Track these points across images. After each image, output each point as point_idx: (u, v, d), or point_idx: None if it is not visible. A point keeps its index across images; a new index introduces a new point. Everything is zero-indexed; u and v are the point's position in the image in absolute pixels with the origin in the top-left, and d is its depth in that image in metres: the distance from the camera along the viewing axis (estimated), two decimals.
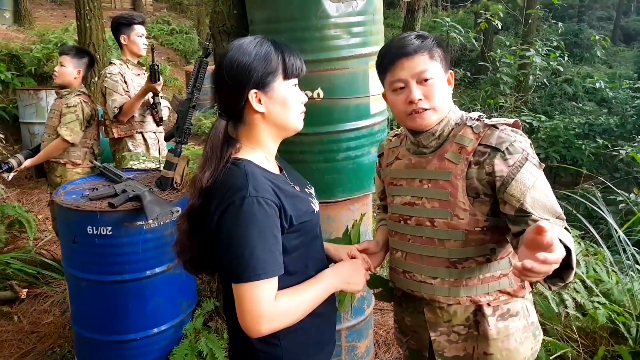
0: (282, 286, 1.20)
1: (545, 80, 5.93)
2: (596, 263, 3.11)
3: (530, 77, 5.42)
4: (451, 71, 1.35)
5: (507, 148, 1.24)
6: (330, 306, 1.40)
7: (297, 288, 1.22)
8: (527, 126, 5.77)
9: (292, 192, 1.25)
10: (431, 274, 1.37)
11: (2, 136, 4.18)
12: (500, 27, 5.70)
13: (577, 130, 5.90)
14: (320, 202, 2.21)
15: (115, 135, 3.25)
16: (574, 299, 2.67)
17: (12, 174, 3.07)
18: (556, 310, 2.56)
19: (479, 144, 1.28)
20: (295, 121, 1.28)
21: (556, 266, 0.98)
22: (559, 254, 0.96)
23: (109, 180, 2.46)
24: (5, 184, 4.31)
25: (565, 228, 1.21)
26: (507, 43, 6.83)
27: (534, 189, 1.23)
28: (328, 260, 1.49)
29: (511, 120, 1.34)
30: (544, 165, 1.29)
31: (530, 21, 6.36)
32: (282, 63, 1.22)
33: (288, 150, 2.23)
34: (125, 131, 3.26)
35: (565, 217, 1.24)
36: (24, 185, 4.50)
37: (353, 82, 2.11)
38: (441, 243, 1.35)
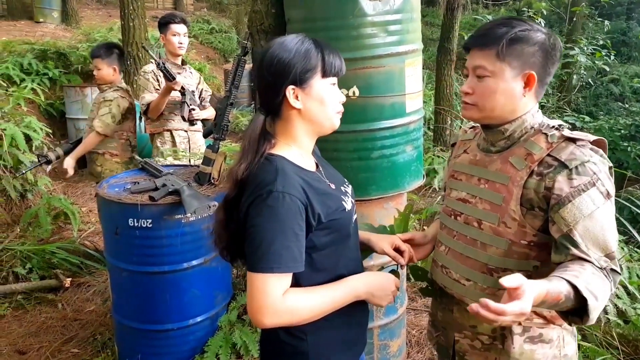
0: (308, 282, 1.22)
1: (590, 80, 5.72)
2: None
3: (575, 77, 5.24)
4: (531, 73, 1.21)
5: (576, 167, 1.14)
6: (361, 306, 1.40)
7: (314, 289, 1.22)
8: (570, 127, 5.59)
9: (323, 190, 1.26)
10: (466, 275, 1.35)
11: (50, 131, 4.36)
12: (543, 26, 5.54)
13: (622, 131, 5.67)
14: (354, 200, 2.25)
15: (147, 132, 3.37)
16: (615, 305, 2.59)
17: (49, 167, 3.22)
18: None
19: (548, 155, 1.19)
20: (332, 120, 1.29)
21: (523, 317, 0.94)
22: (513, 308, 0.91)
23: (149, 175, 2.54)
24: (52, 176, 4.50)
25: (612, 269, 1.13)
26: None
27: (591, 219, 1.14)
28: (368, 250, 1.49)
29: (594, 137, 1.21)
30: (613, 194, 1.17)
31: (575, 19, 6.15)
32: (322, 61, 1.23)
33: (322, 148, 2.24)
34: (155, 128, 3.36)
35: (615, 257, 1.15)
36: (69, 178, 4.68)
37: (389, 80, 2.10)
38: (483, 247, 1.31)
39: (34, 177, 3.92)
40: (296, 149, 1.28)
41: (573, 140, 1.19)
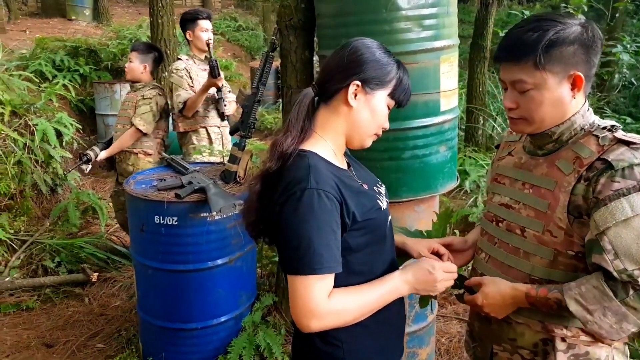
0: (344, 285, 1.16)
1: (633, 79, 5.45)
2: None
3: (616, 76, 5.00)
4: (577, 73, 1.11)
5: (622, 169, 1.05)
6: (399, 314, 1.34)
7: (357, 288, 1.17)
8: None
9: (357, 188, 1.21)
10: None
11: (80, 127, 4.41)
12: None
13: None
14: None
15: (181, 129, 3.33)
16: None
17: (89, 166, 3.23)
18: None
19: (598, 159, 1.09)
20: (366, 138, 1.25)
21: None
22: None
23: (176, 172, 2.52)
24: (81, 172, 4.55)
25: (634, 285, 1.04)
26: None
27: (626, 226, 1.04)
28: (405, 256, 1.42)
29: None
30: None
31: (617, 15, 5.87)
32: (397, 82, 1.23)
33: None
34: (190, 125, 3.33)
35: None
36: (98, 173, 4.75)
37: (423, 77, 2.02)
38: (526, 256, 1.23)
39: (64, 172, 3.96)
40: (330, 144, 1.23)
41: (627, 142, 1.09)
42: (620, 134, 1.12)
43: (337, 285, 1.14)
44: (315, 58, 2.47)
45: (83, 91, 5.57)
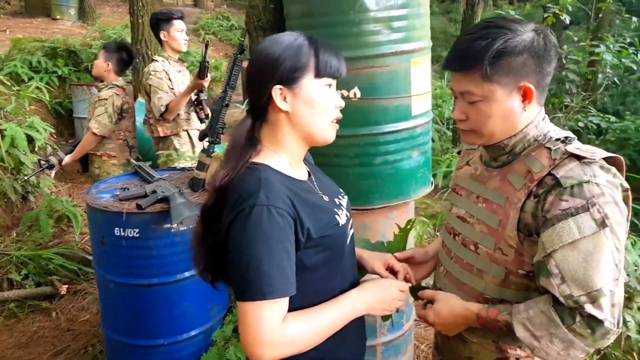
0: (300, 307, 1.08)
1: (615, 79, 5.42)
2: None
3: (600, 76, 4.96)
4: (527, 85, 1.05)
5: (571, 186, 1.00)
6: (358, 335, 1.27)
7: (311, 312, 1.08)
8: (595, 127, 5.32)
9: (314, 202, 1.13)
10: None
11: (53, 130, 4.29)
12: (569, 22, 5.26)
13: None
14: (355, 209, 2.07)
15: (161, 134, 3.24)
16: (636, 320, 2.37)
17: (54, 171, 3.14)
18: None
19: (549, 174, 1.04)
20: (324, 129, 1.14)
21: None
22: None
23: (142, 180, 2.42)
24: (58, 178, 4.43)
25: (590, 315, 0.97)
26: (575, 38, 6.31)
27: (573, 249, 0.98)
28: (360, 269, 1.34)
29: (607, 154, 1.05)
30: (615, 223, 0.99)
31: (600, 15, 5.83)
32: (315, 58, 1.10)
33: (321, 153, 2.07)
34: (171, 129, 3.25)
35: (600, 299, 0.96)
36: (76, 179, 4.62)
37: (393, 80, 1.94)
38: (479, 274, 1.16)
39: (37, 179, 3.84)
40: (285, 156, 1.14)
41: (579, 157, 1.02)
42: (572, 147, 1.05)
43: (291, 308, 1.06)
44: None
45: (61, 93, 5.43)
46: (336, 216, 1.15)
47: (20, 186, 3.69)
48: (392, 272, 1.31)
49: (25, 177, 3.47)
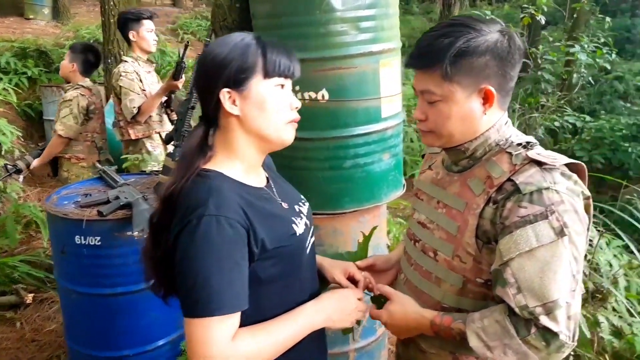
0: (255, 321, 1.03)
1: (590, 78, 5.48)
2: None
3: (575, 75, 5.01)
4: (488, 87, 1.02)
5: (530, 193, 0.96)
6: (319, 349, 1.22)
7: (266, 326, 1.03)
8: (570, 127, 5.38)
9: (270, 211, 1.07)
10: None
11: (20, 133, 4.16)
12: (544, 22, 5.30)
13: (624, 131, 5.44)
14: (326, 214, 2.04)
15: (132, 137, 3.15)
16: (609, 321, 2.37)
17: (22, 176, 3.04)
18: (588, 335, 2.27)
19: (509, 179, 1.00)
20: (279, 131, 1.08)
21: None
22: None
23: (106, 185, 2.33)
24: (27, 182, 4.31)
25: (545, 327, 0.94)
26: (550, 39, 6.36)
27: (530, 258, 0.95)
28: (321, 280, 1.29)
29: (568, 160, 1.02)
30: (574, 232, 0.96)
31: (575, 15, 5.90)
32: (262, 58, 1.04)
33: (290, 156, 2.03)
34: (143, 132, 3.17)
35: (554, 308, 0.93)
36: (46, 183, 4.49)
37: (362, 82, 1.90)
38: (437, 282, 1.13)
39: (4, 184, 3.71)
40: (239, 163, 1.09)
41: (540, 162, 0.99)
42: (534, 152, 1.01)
43: (246, 322, 1.00)
44: None
45: (31, 95, 5.28)
46: (293, 225, 1.10)
47: None
48: (353, 281, 1.26)
49: None
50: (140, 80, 3.12)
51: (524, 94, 5.47)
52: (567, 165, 1.02)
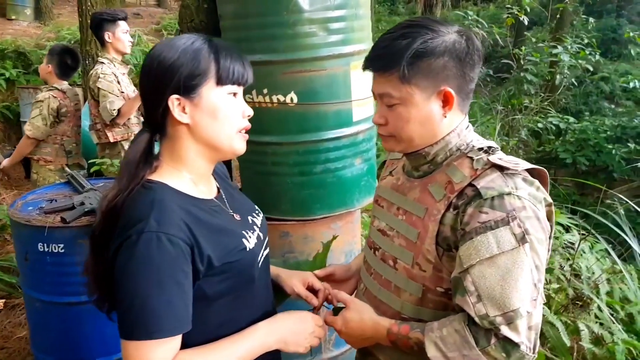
0: (203, 341, 0.98)
1: (573, 80, 5.49)
2: (622, 280, 2.76)
3: (558, 77, 5.01)
4: (447, 89, 1.00)
5: (492, 198, 0.94)
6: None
7: (211, 347, 0.98)
8: (554, 128, 5.38)
9: (218, 225, 1.01)
10: None
11: None
12: (530, 23, 5.31)
13: (608, 133, 5.45)
14: (296, 220, 1.99)
15: (111, 140, 3.10)
16: (590, 328, 2.34)
17: None
18: (568, 343, 2.24)
19: (470, 184, 0.98)
20: (231, 140, 1.03)
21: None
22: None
23: (74, 190, 2.27)
24: (3, 184, 4.23)
25: (506, 338, 0.91)
26: (534, 39, 6.37)
27: (491, 265, 0.92)
28: (278, 292, 1.25)
29: (530, 166, 1.00)
30: (536, 239, 0.94)
31: (558, 16, 5.91)
32: (215, 64, 0.99)
33: (259, 161, 2.00)
34: (122, 134, 3.11)
35: (515, 318, 0.90)
36: (22, 185, 4.41)
37: (332, 85, 1.86)
38: (397, 292, 1.09)
39: None
40: (187, 173, 1.03)
41: (501, 167, 0.97)
42: (495, 157, 0.99)
43: (193, 342, 0.96)
44: None
45: (9, 97, 5.19)
46: (244, 240, 1.05)
47: None
48: (313, 291, 1.22)
49: None
50: (118, 82, 3.07)
51: (507, 95, 5.47)
52: (528, 171, 0.99)
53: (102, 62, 3.13)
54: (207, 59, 0.98)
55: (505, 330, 0.90)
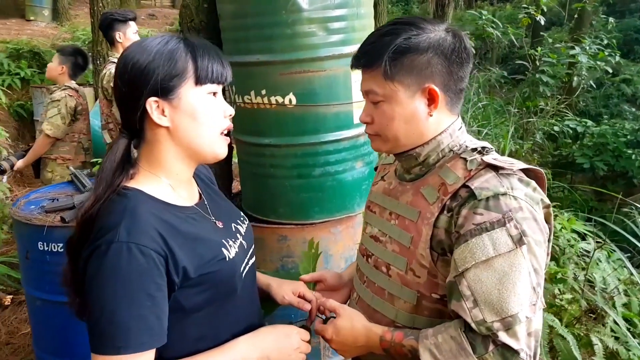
0: (181, 356, 0.94)
1: (592, 82, 5.34)
2: None
3: (575, 78, 4.88)
4: (431, 87, 0.96)
5: (487, 199, 0.90)
6: None
7: None
8: (571, 132, 5.24)
9: (195, 234, 0.97)
10: None
11: (7, 134, 4.14)
12: (548, 23, 5.19)
13: (628, 137, 5.29)
14: (295, 224, 1.96)
15: None
16: (604, 343, 2.25)
17: (5, 176, 3.02)
18: (579, 358, 2.15)
19: (463, 185, 0.95)
20: (213, 143, 0.99)
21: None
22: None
23: (76, 189, 2.28)
24: (16, 182, 4.29)
25: (504, 344, 0.87)
26: (550, 40, 6.21)
27: (487, 268, 0.88)
28: (272, 304, 1.21)
29: (526, 166, 0.96)
30: (534, 241, 0.90)
31: (576, 16, 5.77)
32: (193, 63, 0.95)
33: (257, 163, 1.98)
34: None
35: (513, 324, 0.87)
36: (34, 183, 4.46)
37: (332, 86, 1.82)
38: (390, 299, 1.05)
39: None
40: (165, 179, 0.99)
41: (496, 167, 0.93)
42: (489, 157, 0.95)
43: (170, 357, 0.92)
44: None
45: (24, 96, 5.26)
46: (223, 249, 1.00)
47: None
48: (305, 300, 1.18)
49: None
50: None
51: (522, 97, 5.35)
52: (524, 171, 0.96)
53: (114, 62, 3.15)
54: (184, 59, 0.95)
55: (503, 337, 0.86)
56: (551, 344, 2.25)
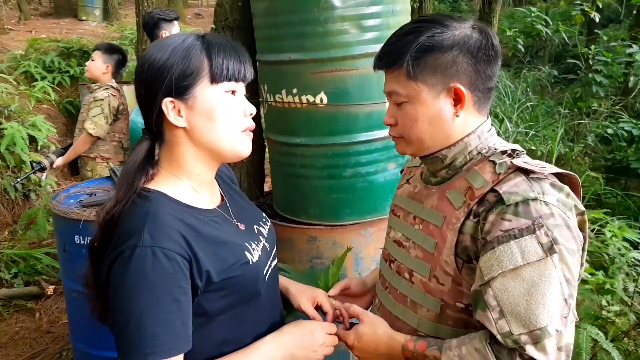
0: (206, 359, 0.94)
1: None
2: None
3: (632, 78, 4.60)
4: (457, 86, 0.92)
5: (516, 204, 0.85)
6: None
7: None
8: (626, 135, 4.94)
9: (218, 237, 0.95)
10: None
11: (55, 130, 4.31)
12: (600, 20, 4.91)
13: None
14: (324, 225, 1.93)
15: None
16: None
17: (45, 174, 3.12)
18: None
19: (491, 190, 0.89)
20: (232, 142, 0.96)
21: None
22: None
23: (114, 185, 2.33)
24: (63, 176, 4.46)
25: (532, 359, 0.82)
26: (606, 38, 5.87)
27: (514, 277, 0.83)
28: (287, 305, 1.19)
29: (558, 170, 0.90)
30: (566, 250, 0.84)
31: (635, 12, 5.42)
32: (208, 61, 0.92)
33: (288, 163, 1.96)
34: None
35: (542, 337, 0.81)
36: (77, 179, 4.64)
37: (364, 85, 1.78)
38: (413, 306, 1.01)
39: (38, 178, 3.85)
40: (187, 180, 0.97)
41: (527, 171, 0.88)
42: (520, 160, 0.90)
43: (196, 359, 0.91)
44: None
45: (73, 93, 5.47)
46: (246, 253, 0.98)
47: (20, 185, 3.70)
48: (321, 311, 1.15)
49: (17, 180, 3.47)
50: None
51: (573, 98, 5.10)
52: (557, 176, 0.90)
53: None
54: (198, 57, 0.92)
55: (531, 351, 0.81)
56: (594, 358, 2.13)
